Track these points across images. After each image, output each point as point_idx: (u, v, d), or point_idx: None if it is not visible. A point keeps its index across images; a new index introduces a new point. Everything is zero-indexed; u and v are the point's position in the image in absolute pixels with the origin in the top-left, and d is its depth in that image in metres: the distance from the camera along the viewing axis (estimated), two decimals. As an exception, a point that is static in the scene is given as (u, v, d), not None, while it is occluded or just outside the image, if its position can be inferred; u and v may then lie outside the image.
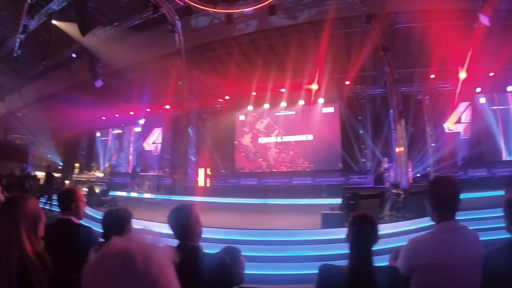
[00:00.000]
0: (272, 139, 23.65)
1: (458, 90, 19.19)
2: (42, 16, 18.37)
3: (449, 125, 20.38)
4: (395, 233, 7.92)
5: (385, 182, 16.03)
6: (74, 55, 22.07)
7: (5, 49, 21.63)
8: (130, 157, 27.67)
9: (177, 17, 19.17)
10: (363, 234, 2.55)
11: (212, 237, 7.62)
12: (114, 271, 1.05)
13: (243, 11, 18.44)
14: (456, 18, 15.98)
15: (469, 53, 17.08)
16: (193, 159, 22.98)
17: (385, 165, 16.22)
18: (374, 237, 2.60)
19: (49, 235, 2.67)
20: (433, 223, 2.71)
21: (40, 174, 25.34)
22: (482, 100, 19.80)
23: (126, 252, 1.07)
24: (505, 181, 15.92)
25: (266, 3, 17.39)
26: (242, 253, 3.76)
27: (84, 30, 15.73)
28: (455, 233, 2.59)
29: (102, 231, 3.39)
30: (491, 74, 18.70)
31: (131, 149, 27.89)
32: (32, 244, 2.30)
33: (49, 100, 26.61)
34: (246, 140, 24.41)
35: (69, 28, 18.33)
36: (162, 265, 1.11)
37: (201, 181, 22.65)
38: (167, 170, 24.44)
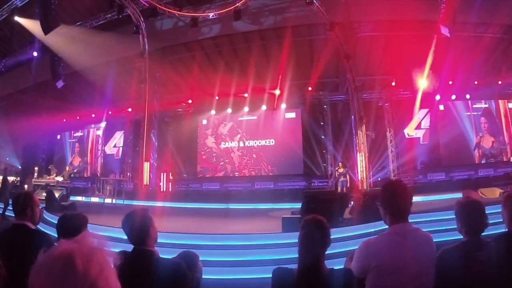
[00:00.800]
0: (234, 144, 23.62)
1: (418, 97, 19.73)
2: (4, 11, 17.82)
3: (409, 131, 20.90)
4: (355, 236, 8.03)
5: (340, 186, 16.33)
6: (35, 54, 21.46)
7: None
8: (95, 161, 27.05)
9: (142, 18, 18.98)
10: (311, 238, 2.58)
11: (171, 242, 7.56)
12: (55, 272, 1.08)
13: (209, 15, 18.44)
14: (417, 28, 16.47)
15: (429, 62, 17.60)
16: (155, 163, 22.73)
17: (340, 170, 16.54)
18: (323, 240, 2.63)
19: (4, 241, 2.61)
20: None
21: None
22: (441, 107, 20.39)
23: (67, 254, 1.11)
24: (462, 184, 16.54)
25: (232, 8, 17.44)
26: (200, 258, 3.75)
27: (46, 28, 15.29)
28: (407, 235, 2.65)
29: (57, 234, 3.32)
30: (450, 82, 19.30)
31: (96, 152, 27.30)
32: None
33: (8, 100, 25.86)
34: (210, 141, 24.30)
35: (32, 25, 17.82)
36: (102, 267, 1.14)
37: (163, 186, 22.41)
38: (129, 174, 24.05)
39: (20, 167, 29.71)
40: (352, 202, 10.96)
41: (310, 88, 21.16)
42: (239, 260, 7.41)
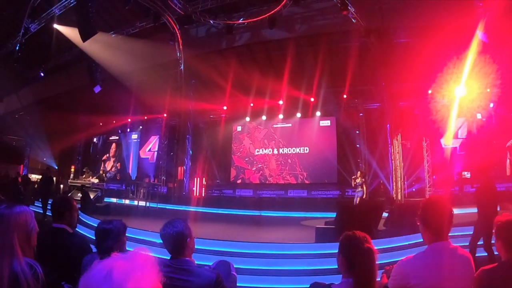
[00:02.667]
0: (268, 151, 23.64)
1: (455, 105, 19.29)
2: (44, 19, 18.45)
3: (446, 141, 20.40)
4: (389, 249, 7.90)
5: (356, 197, 15.47)
6: (72, 60, 22.19)
7: (5, 50, 21.74)
8: (131, 164, 27.56)
9: (177, 26, 19.25)
10: (370, 253, 2.52)
11: (205, 249, 7.61)
12: (95, 281, 1.20)
13: (243, 22, 18.57)
14: (454, 33, 16.10)
15: (466, 69, 17.20)
16: (189, 168, 22.97)
17: (357, 179, 15.55)
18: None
19: (43, 244, 2.67)
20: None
21: (35, 177, 25.30)
22: (479, 115, 19.78)
23: (109, 267, 1.21)
24: (500, 197, 15.91)
25: (266, 15, 17.51)
26: (235, 266, 3.76)
27: (84, 36, 15.73)
28: (446, 254, 2.60)
29: (96, 241, 3.39)
30: (488, 90, 18.75)
31: (129, 156, 27.84)
32: (24, 253, 2.29)
33: (47, 103, 26.72)
34: (247, 142, 24.41)
35: (70, 32, 18.41)
36: (139, 284, 1.21)
37: (196, 191, 22.66)
38: (163, 178, 24.41)
39: (56, 168, 30.57)
40: (387, 214, 10.76)
41: (345, 96, 20.99)
42: (272, 269, 7.40)
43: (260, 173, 23.64)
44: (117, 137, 28.56)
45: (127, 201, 19.68)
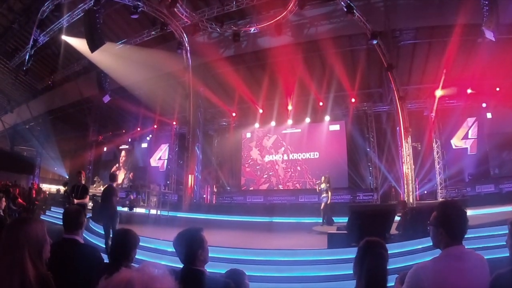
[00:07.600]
0: (278, 157, 23.57)
1: (464, 105, 19.17)
2: (52, 31, 18.66)
3: (456, 141, 20.24)
4: (401, 253, 7.82)
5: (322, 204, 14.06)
6: (82, 70, 22.45)
7: (15, 62, 22.03)
8: (141, 173, 27.58)
9: (184, 34, 19.34)
10: (382, 260, 2.51)
11: (216, 256, 7.57)
12: None
13: (250, 29, 18.62)
14: (460, 33, 16.01)
15: (475, 68, 17.08)
16: (199, 176, 22.98)
17: (321, 185, 14.13)
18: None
19: (54, 254, 2.67)
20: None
21: (46, 187, 25.54)
22: (489, 115, 19.55)
23: (127, 281, 1.20)
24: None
25: (273, 21, 17.54)
26: (247, 274, 3.75)
27: (92, 46, 15.87)
28: (461, 259, 2.56)
29: (112, 249, 3.42)
30: (497, 89, 18.56)
31: (139, 164, 27.93)
32: (35, 267, 2.28)
33: (57, 113, 27.02)
34: (254, 153, 24.40)
35: (78, 43, 18.58)
36: None
37: (206, 198, 22.64)
38: (173, 186, 24.45)
39: (67, 177, 30.81)
40: (399, 217, 10.63)
41: (353, 100, 20.91)
42: (284, 276, 7.34)
43: (270, 181, 23.57)
44: (127, 146, 28.65)
45: (138, 210, 19.70)
